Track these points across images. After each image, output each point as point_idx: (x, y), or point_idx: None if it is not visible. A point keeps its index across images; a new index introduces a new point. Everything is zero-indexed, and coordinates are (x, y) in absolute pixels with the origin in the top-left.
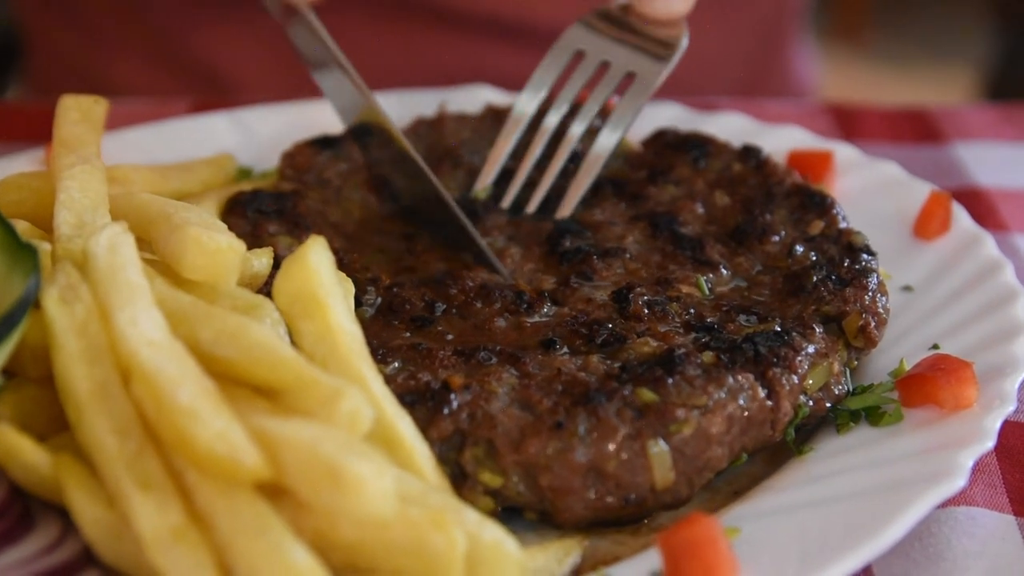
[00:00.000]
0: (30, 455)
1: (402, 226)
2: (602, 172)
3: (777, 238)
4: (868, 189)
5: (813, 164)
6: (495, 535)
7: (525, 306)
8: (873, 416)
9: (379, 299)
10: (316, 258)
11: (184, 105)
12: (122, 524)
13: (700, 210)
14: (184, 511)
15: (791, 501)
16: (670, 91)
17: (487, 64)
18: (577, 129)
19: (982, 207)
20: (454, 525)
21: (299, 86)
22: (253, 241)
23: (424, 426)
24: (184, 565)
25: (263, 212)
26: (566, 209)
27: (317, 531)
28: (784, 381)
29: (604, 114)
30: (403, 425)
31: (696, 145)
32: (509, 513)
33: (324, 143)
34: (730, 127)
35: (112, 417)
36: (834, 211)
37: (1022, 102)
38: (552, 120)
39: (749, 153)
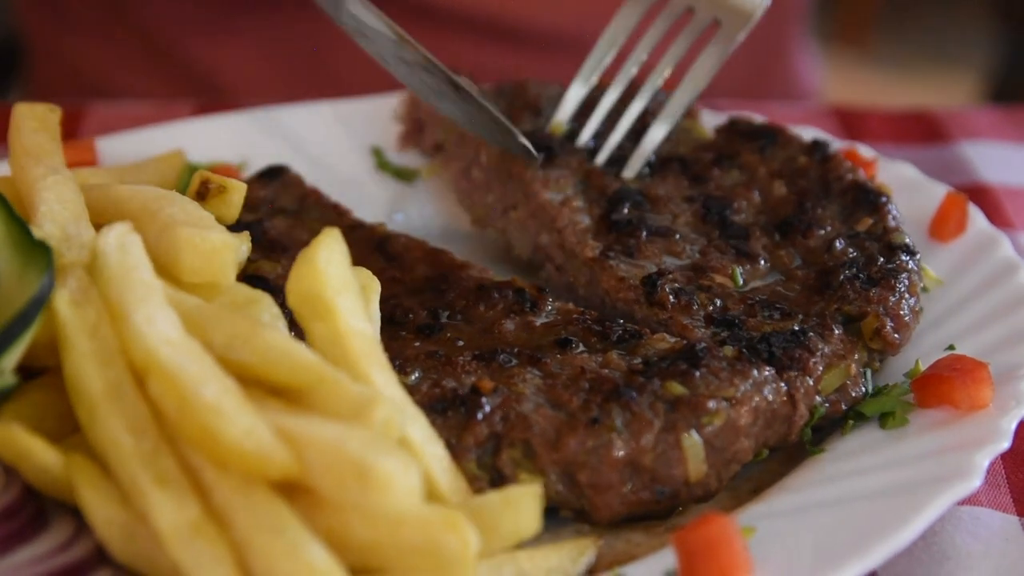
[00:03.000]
0: (42, 455)
1: (371, 233)
2: (675, 147)
3: (822, 232)
4: None
5: None
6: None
7: (529, 305)
8: (883, 419)
9: (378, 312)
10: (325, 256)
11: (188, 108)
12: (135, 522)
13: (757, 198)
14: (201, 508)
15: (807, 501)
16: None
17: (489, 65)
18: (655, 79)
19: (988, 205)
20: (467, 526)
21: (296, 91)
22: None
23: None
24: (203, 559)
25: None
26: (636, 163)
27: (330, 531)
28: (799, 383)
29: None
30: (414, 427)
31: (765, 134)
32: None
33: (270, 173)
34: None
35: (126, 416)
36: (886, 209)
37: None
38: (631, 67)
39: (817, 146)
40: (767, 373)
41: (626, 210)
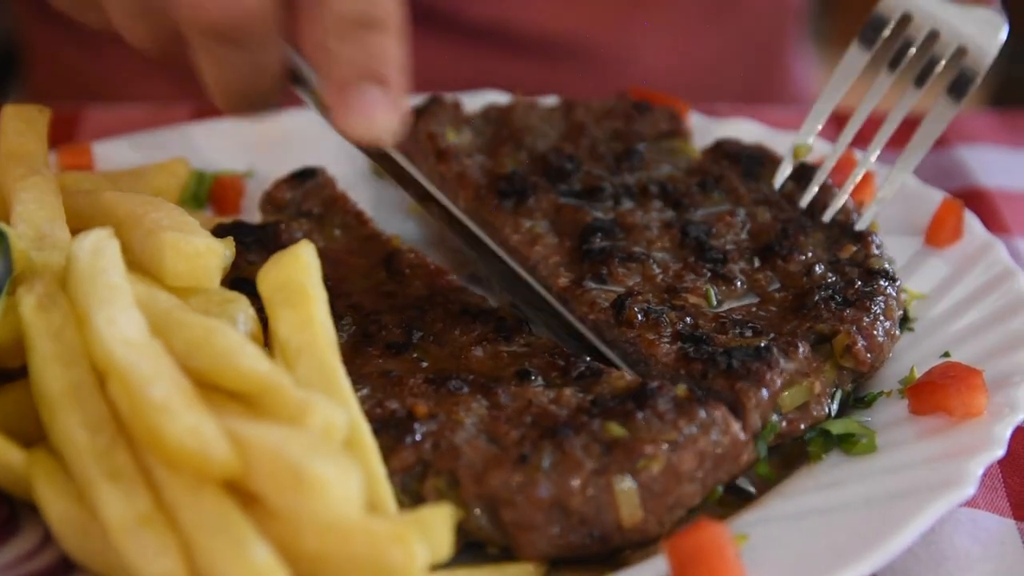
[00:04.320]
0: (4, 453)
1: (384, 246)
2: (660, 167)
3: (803, 258)
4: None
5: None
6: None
7: (505, 333)
8: (847, 443)
9: (354, 327)
10: (309, 255)
11: (186, 111)
12: (89, 519)
13: (739, 224)
14: (152, 503)
15: (800, 508)
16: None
17: (490, 71)
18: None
19: (984, 210)
20: (414, 540)
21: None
22: (232, 270)
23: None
24: (148, 549)
25: (243, 242)
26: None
27: (281, 540)
28: (751, 394)
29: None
30: (365, 428)
31: (752, 158)
32: (472, 548)
33: (302, 175)
34: (740, 133)
35: (84, 414)
36: (870, 239)
37: (1023, 109)
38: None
39: (804, 172)
40: (716, 414)
41: (598, 240)
